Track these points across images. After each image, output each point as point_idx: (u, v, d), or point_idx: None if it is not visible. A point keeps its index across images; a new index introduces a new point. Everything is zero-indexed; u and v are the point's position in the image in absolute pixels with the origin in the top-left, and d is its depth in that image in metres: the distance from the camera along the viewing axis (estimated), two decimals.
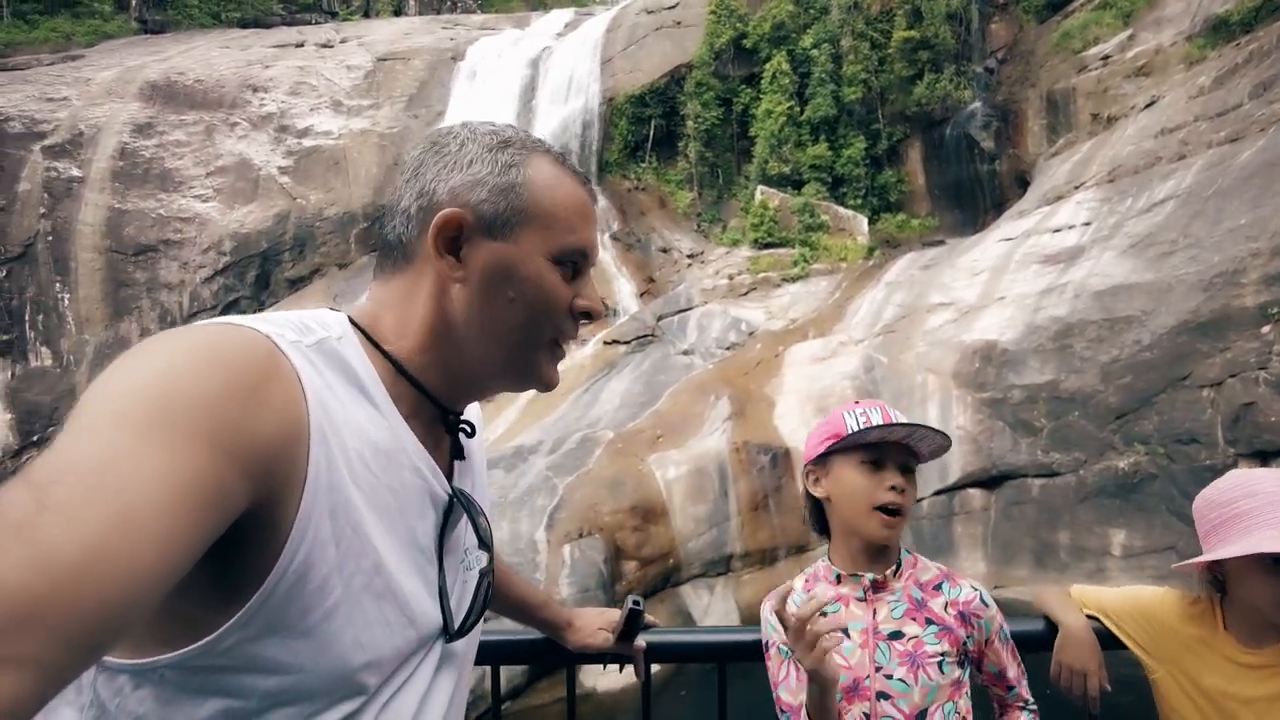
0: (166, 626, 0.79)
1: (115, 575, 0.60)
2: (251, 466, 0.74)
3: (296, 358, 0.83)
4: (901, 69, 25.13)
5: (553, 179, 1.00)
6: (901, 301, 17.19)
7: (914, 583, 1.64)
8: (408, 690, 0.96)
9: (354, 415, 0.88)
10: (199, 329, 0.81)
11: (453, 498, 1.01)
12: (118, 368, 0.74)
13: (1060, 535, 12.50)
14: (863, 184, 25.19)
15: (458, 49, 28.62)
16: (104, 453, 0.65)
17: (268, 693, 0.82)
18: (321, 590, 0.82)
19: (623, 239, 23.85)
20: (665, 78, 26.66)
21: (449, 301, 0.98)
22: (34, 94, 26.35)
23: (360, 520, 0.86)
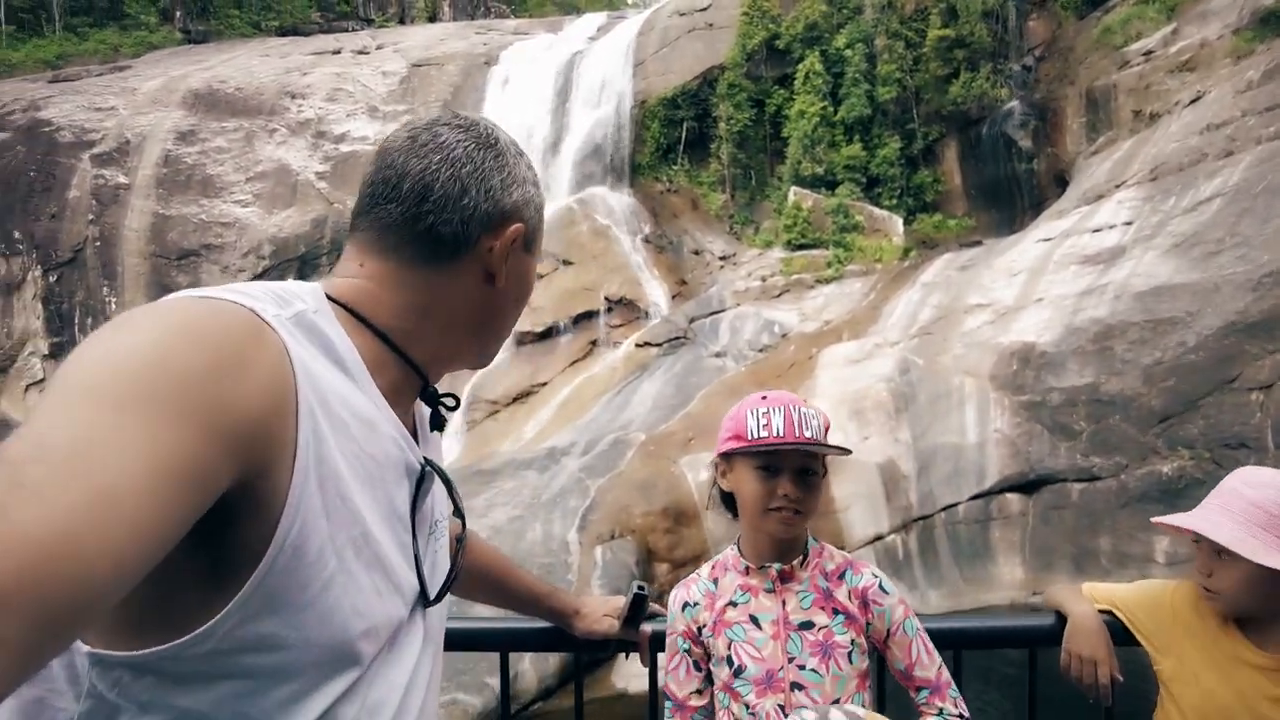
0: (164, 616, 0.78)
1: (88, 556, 0.58)
2: (236, 441, 0.73)
3: (280, 329, 0.82)
4: (937, 68, 24.84)
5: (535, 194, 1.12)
6: (938, 303, 16.97)
7: (820, 572, 1.64)
8: (400, 659, 0.97)
9: (338, 386, 0.88)
10: (178, 302, 0.79)
11: (425, 467, 1.02)
12: (96, 341, 0.72)
13: (1101, 541, 12.25)
14: (898, 184, 24.92)
15: (491, 54, 28.88)
16: (81, 429, 0.63)
17: (272, 670, 0.81)
18: (318, 562, 0.82)
19: (654, 241, 23.86)
20: (697, 80, 26.64)
21: (478, 299, 1.04)
22: (83, 104, 27.11)
23: (348, 490, 0.86)
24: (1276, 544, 1.53)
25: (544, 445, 15.10)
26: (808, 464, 1.59)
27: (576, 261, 21.90)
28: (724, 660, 1.60)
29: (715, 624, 1.63)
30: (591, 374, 19.12)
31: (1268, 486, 1.59)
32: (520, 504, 12.52)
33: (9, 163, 25.39)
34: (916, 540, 13.05)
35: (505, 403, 18.96)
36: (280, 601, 0.80)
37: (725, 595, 1.65)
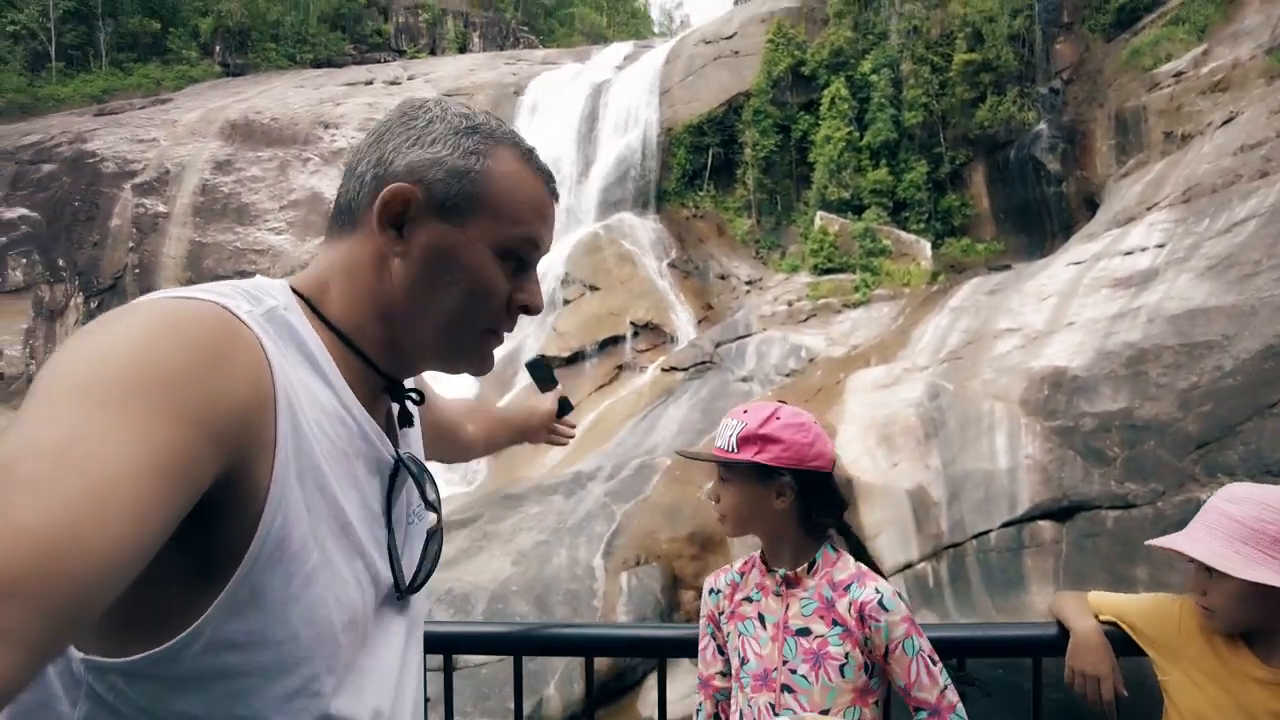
0: (152, 620, 0.78)
1: (88, 549, 0.59)
2: (220, 436, 0.74)
3: (254, 326, 0.83)
4: (963, 92, 24.81)
5: (513, 171, 0.99)
6: (967, 327, 16.81)
7: (827, 581, 1.67)
8: (386, 649, 0.98)
9: (309, 382, 0.89)
10: (155, 302, 0.80)
11: (398, 462, 1.02)
12: (76, 343, 0.73)
13: (1138, 570, 11.95)
14: (925, 208, 24.84)
15: (520, 84, 29.36)
16: (70, 427, 0.64)
17: (264, 667, 0.82)
18: (301, 554, 0.83)
19: (681, 266, 23.95)
20: (723, 106, 26.85)
21: (388, 275, 0.97)
22: (126, 136, 27.97)
23: (326, 483, 0.87)
24: (1260, 558, 1.53)
25: (570, 470, 15.12)
26: (720, 472, 1.72)
27: (603, 287, 22.03)
28: (734, 650, 1.71)
29: (730, 614, 1.74)
30: (617, 398, 19.16)
31: (1246, 501, 1.61)
32: (546, 529, 12.53)
33: (55, 193, 26.22)
34: (947, 568, 12.83)
35: None
36: (265, 596, 0.80)
37: (745, 590, 1.75)
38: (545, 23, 55.24)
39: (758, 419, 1.70)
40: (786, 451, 1.67)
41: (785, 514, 1.70)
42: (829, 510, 1.72)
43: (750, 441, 1.69)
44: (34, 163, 27.20)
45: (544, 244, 1.03)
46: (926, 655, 1.60)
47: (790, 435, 1.67)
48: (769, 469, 1.67)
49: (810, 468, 1.68)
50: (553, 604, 10.90)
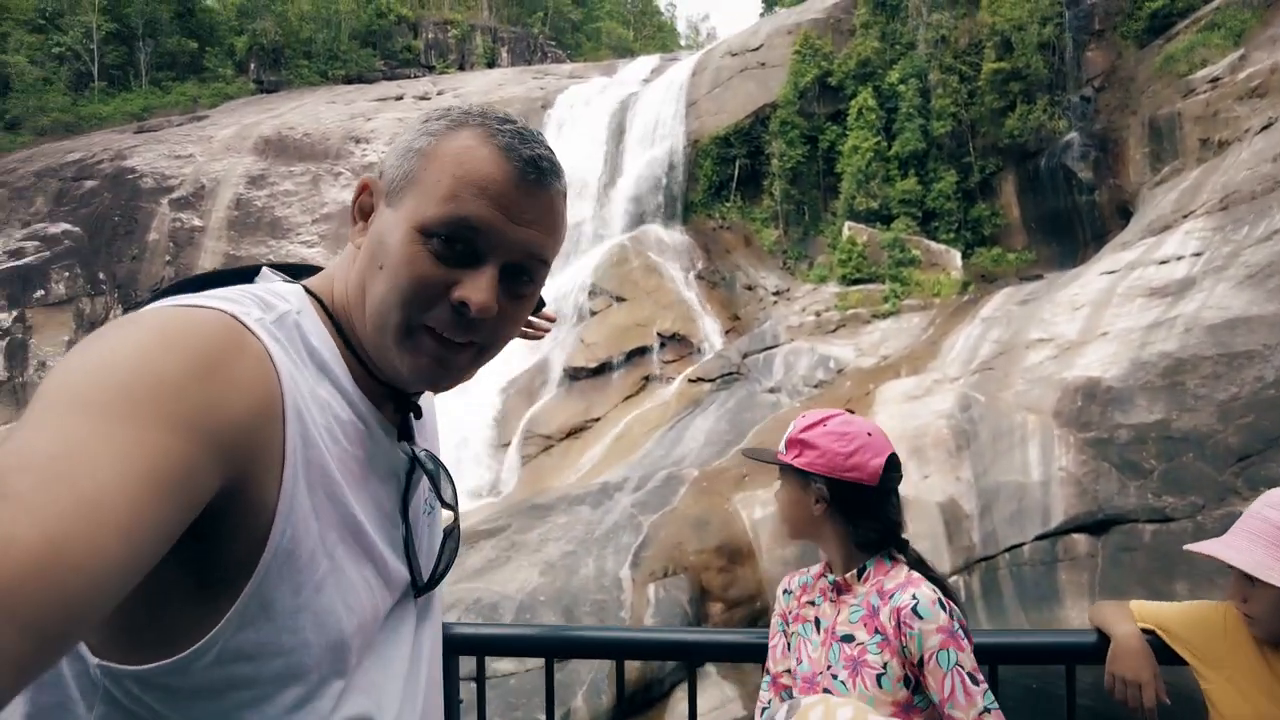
0: (165, 631, 0.78)
1: (79, 564, 0.57)
2: (221, 447, 0.72)
3: (263, 334, 0.81)
4: (992, 101, 24.62)
5: (462, 148, 0.89)
6: (998, 338, 16.61)
7: (877, 589, 1.65)
8: (395, 648, 0.97)
9: (318, 388, 0.88)
10: (159, 311, 0.79)
11: (413, 461, 1.01)
12: (78, 353, 0.72)
13: (1177, 585, 11.68)
14: (955, 218, 24.63)
15: (547, 98, 29.63)
16: (65, 439, 0.63)
17: (276, 675, 0.81)
18: (310, 565, 0.82)
19: (707, 277, 23.95)
20: (750, 118, 26.87)
21: (358, 269, 0.94)
22: (165, 152, 28.62)
23: (337, 490, 0.86)
24: None
25: (597, 480, 15.14)
26: (778, 472, 1.73)
27: (630, 298, 22.09)
28: (793, 651, 1.74)
29: (795, 616, 1.77)
30: (644, 409, 19.17)
31: None
32: (574, 539, 12.55)
33: (96, 209, 26.88)
34: (980, 581, 12.64)
35: (559, 437, 19.10)
36: (275, 607, 0.80)
37: (811, 593, 1.78)
38: (572, 37, 55.74)
39: (805, 423, 1.72)
40: (820, 458, 1.67)
41: (824, 521, 1.70)
42: (871, 525, 1.69)
43: (793, 444, 1.71)
44: (77, 179, 27.93)
45: (489, 228, 0.89)
46: (966, 672, 1.52)
47: (827, 443, 1.67)
48: (806, 474, 1.68)
49: (844, 478, 1.66)
50: (580, 614, 10.89)
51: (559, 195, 0.95)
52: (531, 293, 0.97)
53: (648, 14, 71.14)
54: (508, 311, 0.94)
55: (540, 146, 0.93)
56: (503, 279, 0.92)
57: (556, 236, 0.96)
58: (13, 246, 25.84)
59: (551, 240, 0.95)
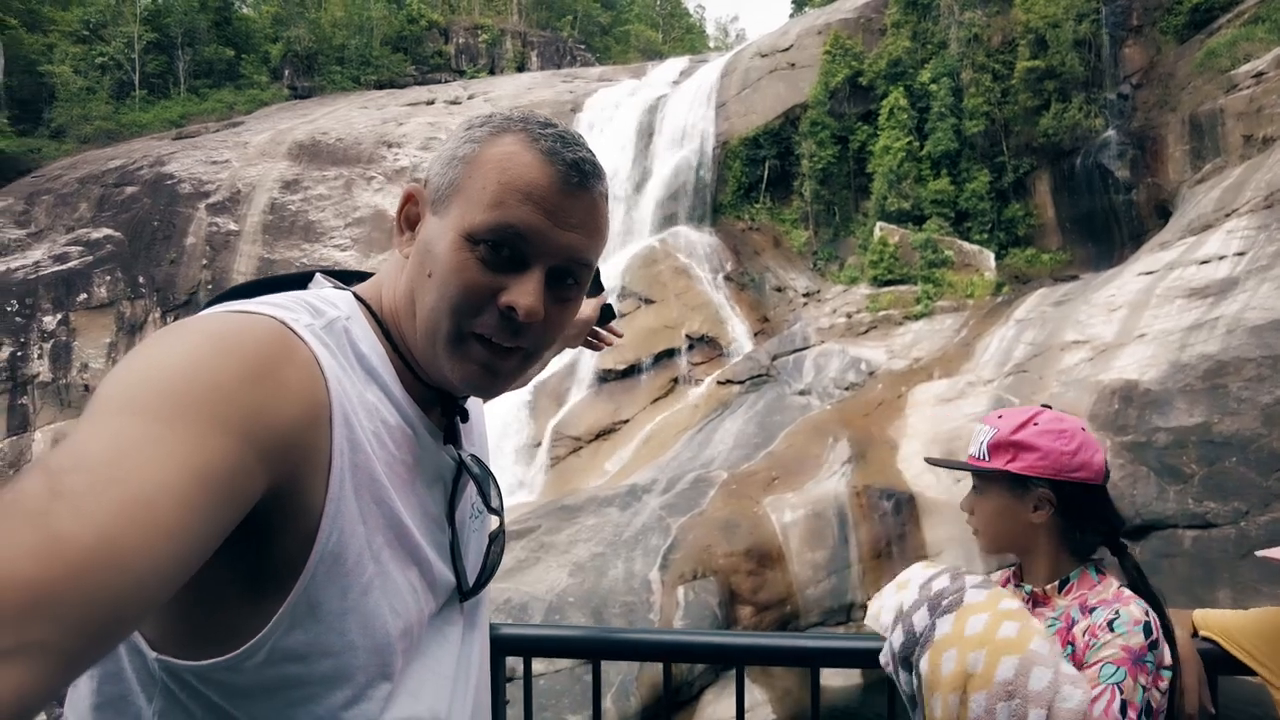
0: (218, 629, 0.80)
1: (127, 563, 0.59)
2: (269, 451, 0.74)
3: (311, 340, 0.83)
4: (1026, 100, 24.27)
5: (505, 154, 0.91)
6: (1033, 340, 16.36)
7: (1080, 603, 1.51)
8: (442, 651, 0.98)
9: (366, 393, 0.89)
10: (212, 317, 0.81)
11: (460, 466, 1.02)
12: (133, 357, 0.74)
13: (1219, 594, 11.41)
14: (988, 218, 24.32)
15: (577, 101, 29.75)
16: (118, 441, 0.65)
17: (324, 676, 0.83)
18: (357, 568, 0.84)
19: (736, 279, 23.87)
20: (779, 119, 26.75)
21: (407, 277, 0.96)
22: (201, 158, 29.18)
23: (383, 495, 0.88)
24: None
25: (626, 482, 15.14)
26: (975, 482, 1.64)
27: (658, 300, 22.09)
28: None
29: None
30: (673, 411, 19.15)
31: None
32: (602, 541, 12.56)
33: (136, 214, 27.48)
34: None
35: (588, 439, 19.15)
36: (323, 609, 0.82)
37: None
38: (601, 40, 55.90)
39: (1012, 424, 1.57)
40: (1043, 460, 1.52)
41: (1043, 528, 1.55)
42: (1096, 527, 1.56)
43: (1002, 448, 1.56)
44: (118, 185, 28.57)
45: (535, 233, 0.90)
46: (1120, 699, 1.33)
47: (1048, 442, 1.53)
48: (1023, 479, 1.54)
49: (1072, 479, 1.52)
50: (609, 616, 10.90)
51: (601, 197, 0.96)
52: (576, 295, 0.98)
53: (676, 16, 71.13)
54: (553, 315, 0.95)
55: (582, 149, 0.93)
56: (548, 283, 0.93)
57: (600, 238, 0.97)
58: (57, 251, 26.50)
59: (595, 242, 0.96)
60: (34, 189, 29.54)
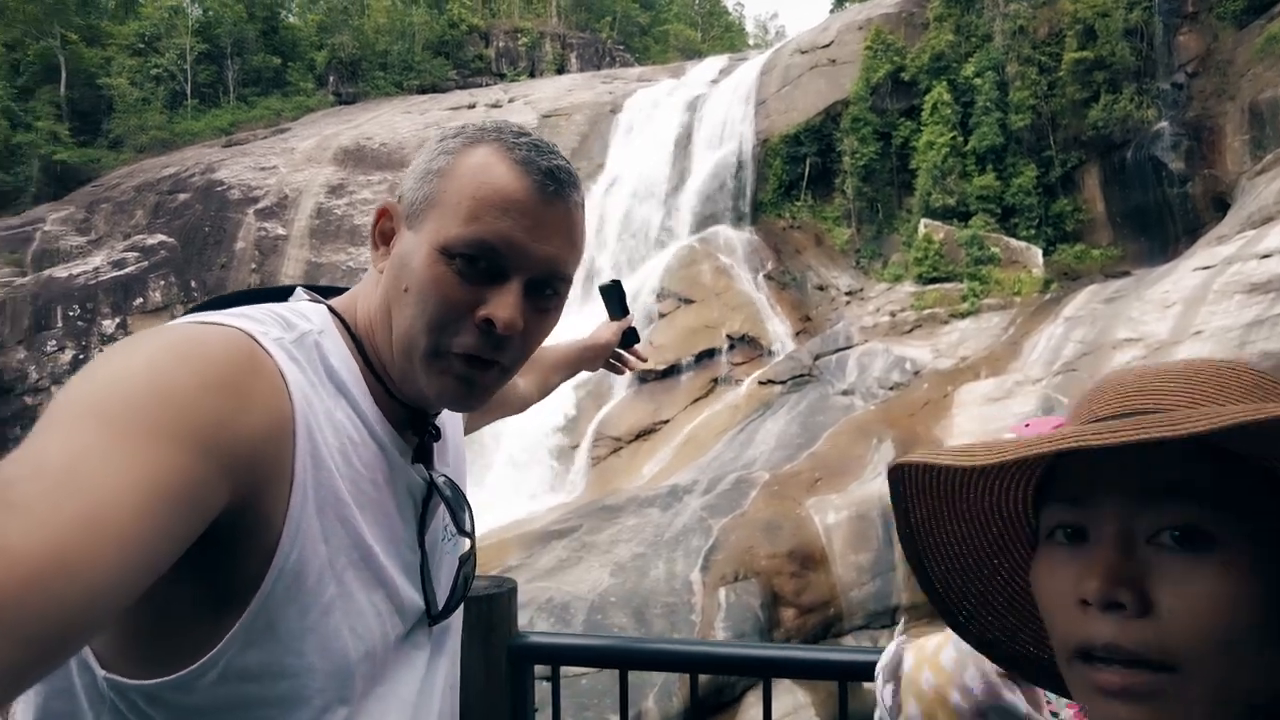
0: (171, 646, 0.78)
1: (79, 576, 0.57)
2: (231, 465, 0.72)
3: (279, 354, 0.81)
4: (1074, 92, 23.71)
5: (480, 165, 0.90)
6: (1083, 338, 15.98)
7: None
8: (404, 676, 0.96)
9: (334, 410, 0.87)
10: (178, 327, 0.80)
11: (430, 486, 0.99)
12: (95, 365, 0.73)
13: None
14: (1035, 214, 23.80)
15: (616, 102, 29.83)
16: (73, 450, 0.63)
17: (280, 699, 0.81)
18: (317, 587, 0.82)
19: (777, 278, 23.71)
20: (820, 116, 26.51)
21: (382, 292, 0.94)
22: (250, 165, 29.91)
23: (348, 514, 0.86)
24: None
25: (666, 483, 15.13)
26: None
27: (698, 300, 22.04)
28: None
29: None
30: (713, 412, 19.08)
31: None
32: (643, 542, 12.57)
33: (189, 220, 28.28)
34: None
35: (628, 440, 19.18)
36: (280, 628, 0.80)
37: None
38: (640, 41, 55.98)
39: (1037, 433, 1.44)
40: None
41: None
42: None
43: None
44: (171, 193, 29.43)
45: (512, 245, 0.89)
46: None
47: None
48: None
49: None
50: (651, 617, 10.91)
51: (577, 206, 0.95)
52: (555, 306, 0.97)
53: (715, 14, 70.92)
54: (532, 327, 0.93)
55: (557, 158, 0.92)
56: (526, 294, 0.91)
57: (577, 249, 0.96)
58: (116, 257, 27.39)
59: (573, 253, 0.95)
60: (94, 197, 30.60)
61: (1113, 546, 0.60)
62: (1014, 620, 0.80)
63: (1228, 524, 0.59)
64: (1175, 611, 0.57)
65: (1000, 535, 0.77)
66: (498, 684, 1.77)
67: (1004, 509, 0.76)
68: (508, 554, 12.49)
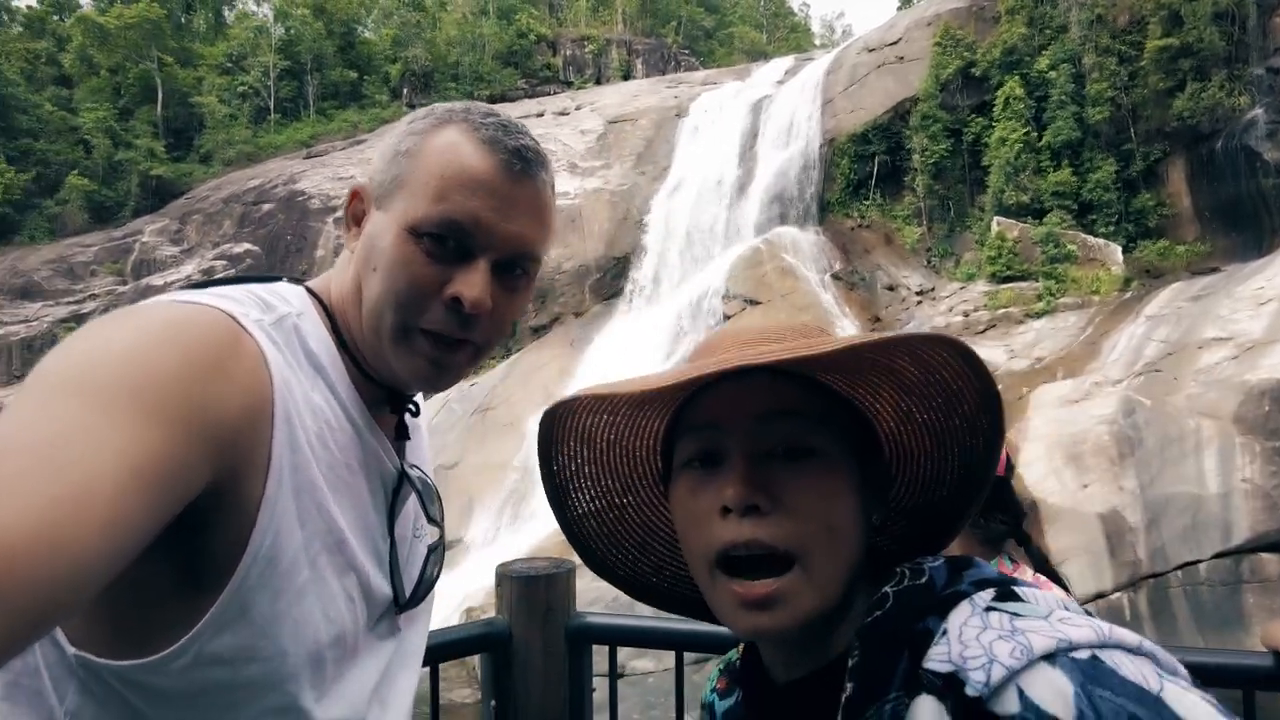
0: (145, 629, 0.78)
1: (61, 551, 0.57)
2: (212, 444, 0.72)
3: (260, 335, 0.81)
4: (1157, 81, 22.78)
5: (447, 145, 0.90)
6: (1166, 337, 15.38)
7: None
8: (367, 663, 0.96)
9: (312, 393, 0.87)
10: (160, 306, 0.79)
11: (402, 475, 1.00)
12: (75, 338, 0.72)
13: None
14: (1115, 209, 22.96)
15: (681, 106, 29.95)
16: (55, 427, 0.63)
17: (252, 681, 0.81)
18: (291, 570, 0.82)
19: (845, 278, 23.46)
20: (889, 113, 26.14)
21: (353, 271, 0.95)
22: (329, 175, 31.08)
23: (323, 498, 0.86)
24: None
25: None
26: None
27: (763, 301, 21.97)
28: None
29: None
30: None
31: None
32: None
33: (272, 229, 29.56)
34: (1147, 601, 11.76)
35: None
36: (254, 612, 0.79)
37: None
38: (705, 44, 56.02)
39: None
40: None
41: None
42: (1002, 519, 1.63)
43: None
44: (256, 203, 30.83)
45: (479, 224, 0.89)
46: None
47: None
48: None
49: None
50: None
51: (545, 185, 0.94)
52: (525, 285, 0.96)
53: (780, 15, 70.42)
54: (502, 306, 0.93)
55: (524, 137, 0.92)
56: (495, 273, 0.91)
57: (545, 227, 0.96)
58: (205, 266, 28.82)
59: (541, 231, 0.95)
60: (186, 210, 32.30)
61: (744, 462, 0.75)
62: (635, 553, 0.95)
63: (824, 436, 0.77)
64: (796, 505, 0.73)
65: (629, 475, 0.91)
66: (556, 664, 1.79)
67: (633, 451, 0.90)
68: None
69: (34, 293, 30.01)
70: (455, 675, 10.87)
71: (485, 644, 1.79)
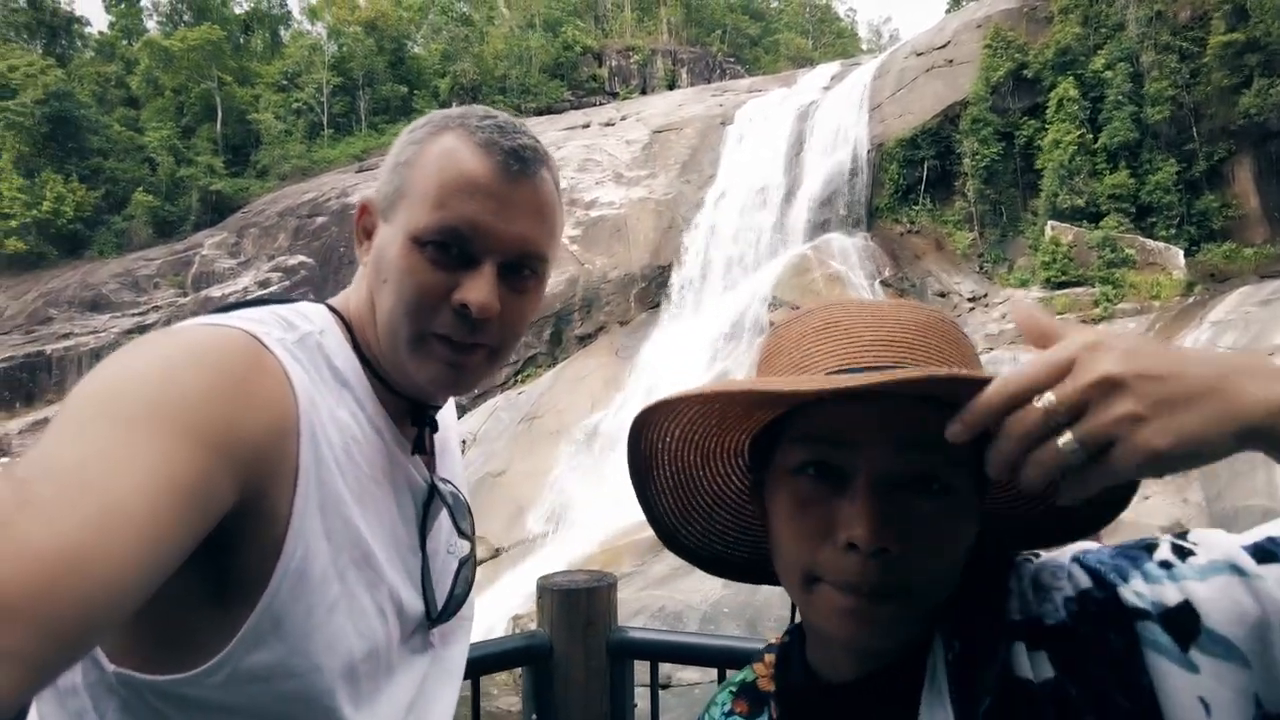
0: (182, 645, 0.79)
1: (94, 572, 0.58)
2: (239, 463, 0.74)
3: (283, 354, 0.83)
4: (1221, 78, 22.02)
5: (444, 151, 0.90)
6: (1233, 343, 14.83)
7: None
8: (402, 679, 0.96)
9: (338, 409, 0.88)
10: (184, 330, 0.82)
11: (432, 488, 1.01)
12: (104, 366, 0.74)
13: None
14: (1176, 212, 22.23)
15: (726, 114, 29.88)
16: (88, 449, 0.65)
17: (287, 697, 0.82)
18: (322, 585, 0.83)
19: (895, 284, 23.11)
20: (938, 118, 25.73)
21: (366, 285, 0.97)
22: None
23: (350, 513, 0.87)
24: None
25: None
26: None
27: None
28: None
29: None
30: None
31: None
32: None
33: (325, 241, 30.28)
34: None
35: None
36: (287, 627, 0.80)
37: None
38: (750, 52, 55.88)
39: None
40: None
41: None
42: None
43: None
44: (310, 216, 31.63)
45: (479, 229, 0.89)
46: None
47: None
48: None
49: None
50: (764, 630, 10.87)
51: (546, 182, 0.94)
52: (535, 286, 0.97)
53: (826, 21, 69.89)
54: (512, 308, 0.93)
55: (522, 136, 0.92)
56: (502, 276, 0.91)
57: (549, 226, 0.95)
58: (261, 277, 29.67)
59: (544, 231, 0.94)
60: (243, 223, 33.30)
61: (873, 496, 0.67)
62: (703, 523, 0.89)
63: (961, 473, 0.69)
64: (923, 544, 0.67)
65: (713, 450, 0.85)
66: (597, 678, 1.80)
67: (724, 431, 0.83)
68: (621, 561, 12.73)
69: (102, 305, 31.26)
70: (503, 680, 10.96)
71: (526, 657, 1.81)
